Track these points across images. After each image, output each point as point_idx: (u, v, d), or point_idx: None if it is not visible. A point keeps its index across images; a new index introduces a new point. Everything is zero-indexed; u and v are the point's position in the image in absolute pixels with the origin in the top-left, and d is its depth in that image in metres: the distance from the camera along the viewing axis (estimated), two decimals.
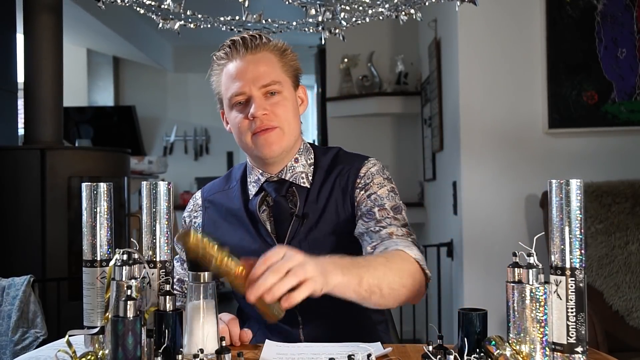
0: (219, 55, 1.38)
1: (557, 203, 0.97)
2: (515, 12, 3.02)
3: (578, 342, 0.95)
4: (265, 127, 1.33)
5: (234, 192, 1.43)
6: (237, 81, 1.34)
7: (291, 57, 1.40)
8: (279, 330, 1.38)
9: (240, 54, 1.35)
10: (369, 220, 1.34)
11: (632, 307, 2.62)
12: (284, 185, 1.38)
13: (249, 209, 1.39)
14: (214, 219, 1.43)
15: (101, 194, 1.14)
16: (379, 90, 4.34)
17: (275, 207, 1.38)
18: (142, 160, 5.61)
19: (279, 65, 1.37)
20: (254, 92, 1.33)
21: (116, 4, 1.79)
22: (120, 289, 0.98)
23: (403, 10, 1.87)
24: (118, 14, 5.15)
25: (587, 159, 2.97)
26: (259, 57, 1.35)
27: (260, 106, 1.32)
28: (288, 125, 1.36)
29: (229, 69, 1.36)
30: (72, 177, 2.91)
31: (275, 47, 1.38)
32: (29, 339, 2.17)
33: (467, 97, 3.03)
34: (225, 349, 0.99)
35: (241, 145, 1.40)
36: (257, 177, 1.41)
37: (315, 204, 1.37)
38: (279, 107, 1.34)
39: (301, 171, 1.39)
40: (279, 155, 1.36)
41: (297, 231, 1.36)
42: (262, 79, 1.33)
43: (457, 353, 0.94)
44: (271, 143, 1.34)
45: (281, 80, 1.36)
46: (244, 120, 1.35)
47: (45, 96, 2.98)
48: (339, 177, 1.39)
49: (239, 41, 1.35)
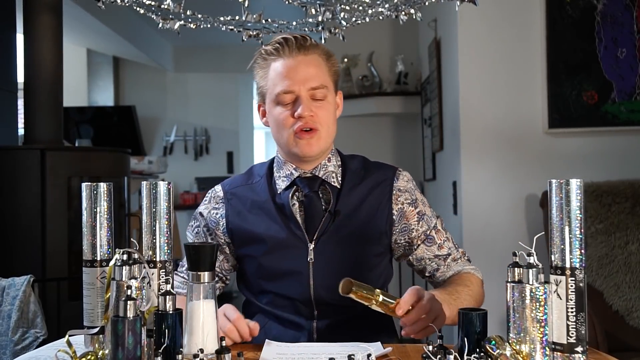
0: (268, 50, 1.41)
1: (557, 203, 0.97)
2: (515, 12, 3.02)
3: (578, 342, 0.95)
4: (309, 127, 1.37)
5: (260, 186, 1.45)
6: (287, 79, 1.37)
7: (335, 61, 1.46)
8: (292, 322, 1.40)
9: (293, 52, 1.38)
10: (431, 244, 1.46)
11: (632, 307, 2.61)
12: (317, 182, 1.42)
13: (276, 201, 1.42)
14: (238, 210, 1.44)
15: (101, 194, 1.14)
16: (379, 90, 4.34)
17: (307, 201, 1.41)
18: (142, 160, 5.61)
19: (326, 69, 1.42)
20: (302, 92, 1.37)
21: (116, 4, 1.79)
22: (120, 289, 0.98)
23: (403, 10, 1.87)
24: (118, 14, 5.14)
25: (587, 159, 2.97)
26: (310, 58, 1.39)
27: (307, 107, 1.36)
28: (327, 129, 1.40)
29: (278, 66, 1.39)
30: (72, 177, 2.91)
31: (323, 50, 1.43)
32: (29, 339, 2.17)
33: (467, 97, 3.03)
34: (225, 349, 0.99)
35: (279, 140, 1.43)
36: (289, 171, 1.43)
37: (347, 203, 1.41)
38: (323, 110, 1.39)
39: (332, 171, 1.44)
40: (316, 155, 1.41)
41: (328, 227, 1.39)
42: (312, 80, 1.37)
43: (457, 353, 0.94)
44: (312, 144, 1.38)
45: (327, 85, 1.41)
46: (288, 118, 1.38)
47: (45, 96, 2.98)
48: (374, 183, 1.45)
49: (292, 40, 1.39)
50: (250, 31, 1.94)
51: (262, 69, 1.42)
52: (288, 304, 1.40)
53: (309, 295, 1.37)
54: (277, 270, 1.39)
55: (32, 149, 2.86)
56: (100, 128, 6.27)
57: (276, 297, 1.41)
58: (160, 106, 6.85)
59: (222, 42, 6.48)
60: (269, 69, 1.40)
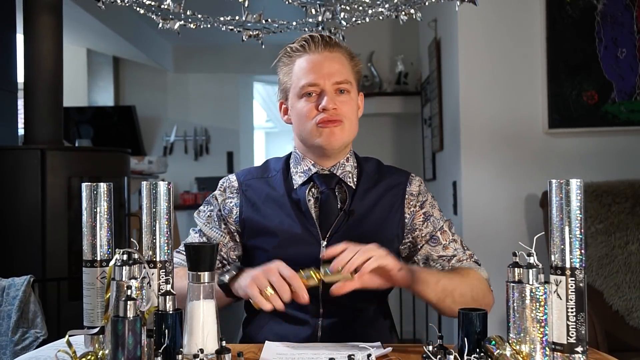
0: (294, 47, 1.43)
1: (557, 203, 0.97)
2: (515, 12, 3.02)
3: (578, 342, 0.95)
4: (333, 119, 1.39)
5: (276, 181, 1.46)
6: (312, 73, 1.40)
7: (358, 62, 1.49)
8: (297, 318, 1.39)
9: (319, 49, 1.41)
10: (435, 245, 1.46)
11: (632, 307, 2.61)
12: (334, 180, 1.44)
13: (292, 196, 1.43)
14: (252, 202, 1.44)
15: (101, 194, 1.14)
16: (379, 90, 4.34)
17: (323, 198, 1.42)
18: (142, 160, 5.61)
19: (349, 67, 1.45)
20: (327, 86, 1.39)
21: (116, 4, 1.80)
22: (120, 289, 0.98)
23: (403, 10, 1.87)
24: (118, 14, 5.15)
25: (587, 159, 2.97)
26: (335, 55, 1.42)
27: (331, 100, 1.38)
28: (350, 123, 1.42)
29: (303, 61, 1.42)
30: (72, 177, 2.91)
31: (346, 50, 1.47)
32: (29, 339, 2.17)
33: (467, 97, 3.03)
34: (225, 349, 0.99)
35: (302, 133, 1.44)
36: (307, 167, 1.45)
37: (361, 204, 1.43)
38: (346, 105, 1.41)
39: (349, 171, 1.46)
40: (338, 147, 1.42)
41: (341, 226, 1.40)
42: (336, 75, 1.40)
43: (457, 353, 0.94)
44: (335, 134, 1.40)
45: (351, 81, 1.43)
46: (312, 110, 1.40)
47: (45, 96, 2.98)
48: (387, 186, 1.47)
49: (318, 37, 1.42)
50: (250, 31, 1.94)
51: (287, 66, 1.45)
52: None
53: (317, 292, 1.37)
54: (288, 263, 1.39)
55: (32, 149, 2.87)
56: (100, 128, 6.27)
57: None
58: (160, 106, 6.86)
59: (222, 42, 6.49)
60: (294, 65, 1.43)
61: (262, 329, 1.42)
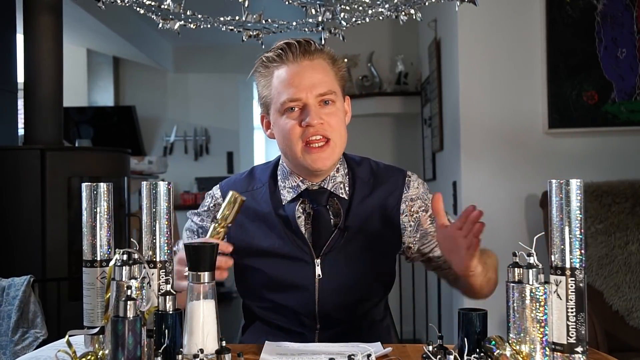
0: (270, 57, 1.33)
1: (557, 203, 0.97)
2: (515, 12, 3.02)
3: (578, 342, 0.95)
4: (319, 135, 1.30)
5: (261, 195, 1.38)
6: (292, 87, 1.29)
7: (341, 66, 1.38)
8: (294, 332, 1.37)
9: (297, 58, 1.31)
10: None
11: (632, 307, 2.61)
12: (325, 195, 1.36)
13: (280, 214, 1.35)
14: (240, 221, 1.34)
15: (101, 194, 1.14)
16: (379, 91, 4.34)
17: (315, 216, 1.34)
18: (142, 160, 5.61)
19: (333, 74, 1.35)
20: (310, 100, 1.30)
21: (116, 4, 1.79)
22: (120, 289, 0.98)
23: (403, 11, 1.87)
24: (118, 14, 5.14)
25: (587, 159, 2.97)
26: (315, 63, 1.32)
27: (316, 115, 1.29)
28: (340, 138, 1.34)
29: (282, 73, 1.31)
30: (72, 177, 2.91)
31: (328, 55, 1.36)
32: (29, 339, 2.17)
33: (467, 97, 3.03)
34: (225, 349, 0.99)
35: (287, 152, 1.35)
36: (296, 183, 1.36)
37: (356, 217, 1.35)
38: (333, 118, 1.32)
39: (340, 181, 1.38)
40: (328, 169, 1.35)
41: (336, 243, 1.34)
42: (319, 87, 1.30)
43: (457, 353, 0.94)
44: (324, 159, 1.31)
45: (335, 90, 1.34)
46: (296, 127, 1.31)
47: (45, 96, 2.98)
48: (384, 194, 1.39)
49: (295, 45, 1.31)
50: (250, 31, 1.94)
51: (264, 78, 1.35)
52: (291, 315, 1.37)
53: (313, 309, 1.35)
54: (282, 283, 1.35)
55: (32, 149, 2.86)
56: (100, 128, 6.27)
57: (279, 306, 1.38)
58: (160, 106, 6.86)
59: (222, 42, 6.48)
60: (272, 77, 1.33)
61: (258, 340, 1.40)
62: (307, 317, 1.35)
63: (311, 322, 1.36)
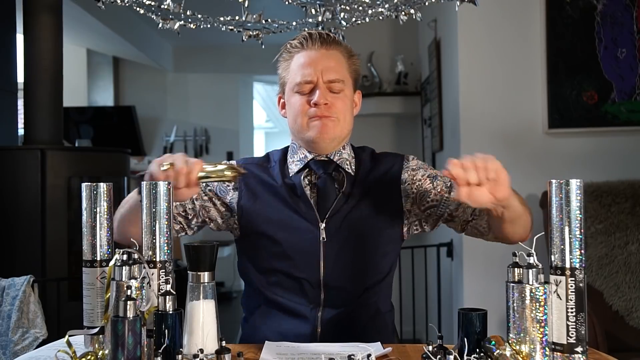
0: (293, 44, 1.47)
1: (557, 203, 0.97)
2: (515, 12, 3.02)
3: (578, 342, 0.95)
4: (325, 114, 1.42)
5: (274, 171, 1.48)
6: (308, 68, 1.43)
7: (356, 61, 1.51)
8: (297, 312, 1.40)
9: (316, 46, 1.44)
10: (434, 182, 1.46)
11: (632, 307, 2.61)
12: (331, 165, 1.46)
13: (287, 182, 1.45)
14: (251, 188, 1.45)
15: (101, 194, 1.14)
16: (379, 90, 4.34)
17: (320, 182, 1.44)
18: (142, 160, 5.61)
19: (346, 66, 1.47)
20: (320, 82, 1.42)
21: (116, 4, 1.80)
22: (120, 289, 0.98)
23: (403, 10, 1.87)
24: (118, 14, 5.14)
25: (587, 159, 2.97)
26: (331, 53, 1.45)
27: (323, 95, 1.41)
28: (344, 118, 1.45)
29: (301, 57, 1.45)
30: (72, 177, 2.91)
31: (345, 48, 1.49)
32: (29, 339, 2.17)
33: (467, 97, 3.03)
34: (225, 349, 0.99)
35: (294, 127, 1.47)
36: (303, 155, 1.46)
37: (361, 185, 1.45)
38: (339, 101, 1.44)
39: (346, 158, 1.48)
40: (329, 141, 1.43)
41: (340, 208, 1.41)
42: (330, 73, 1.43)
43: (457, 353, 0.94)
44: (325, 128, 1.42)
45: (345, 80, 1.45)
46: (304, 104, 1.43)
47: (45, 96, 2.98)
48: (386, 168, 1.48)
49: (316, 34, 1.46)
50: (250, 31, 1.94)
51: (286, 61, 1.48)
52: (296, 286, 1.40)
53: (318, 276, 1.38)
54: (288, 248, 1.41)
55: (32, 149, 2.87)
56: (100, 128, 6.27)
57: (284, 277, 1.41)
58: (160, 106, 6.86)
59: (222, 42, 6.48)
60: (292, 60, 1.46)
61: (261, 327, 1.42)
62: (312, 286, 1.39)
63: (315, 292, 1.39)
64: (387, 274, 1.48)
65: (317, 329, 1.38)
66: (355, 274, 1.42)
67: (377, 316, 1.46)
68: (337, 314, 1.39)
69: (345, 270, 1.40)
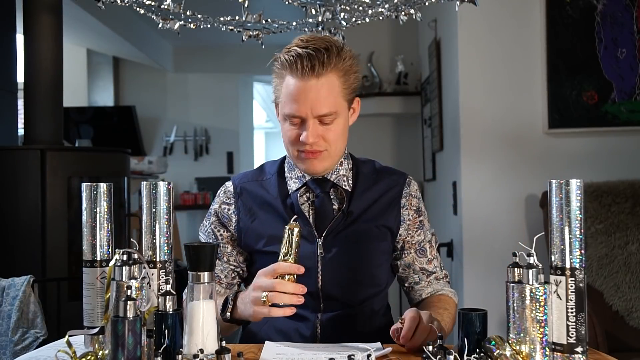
0: (283, 61, 1.36)
1: (557, 203, 0.97)
2: (515, 12, 3.02)
3: (578, 342, 0.95)
4: (313, 150, 1.37)
5: (270, 184, 1.47)
6: (295, 103, 1.34)
7: (354, 78, 1.40)
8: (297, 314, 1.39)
9: (306, 75, 1.32)
10: (421, 256, 1.50)
11: (632, 307, 2.61)
12: (328, 184, 1.44)
13: (286, 201, 1.43)
14: (248, 207, 1.45)
15: (101, 194, 1.14)
16: (379, 91, 4.34)
17: (318, 202, 1.42)
18: (142, 160, 5.61)
19: (340, 90, 1.37)
20: (310, 118, 1.35)
21: (116, 4, 1.80)
22: (120, 289, 0.98)
23: (403, 11, 1.87)
24: (118, 14, 5.14)
25: (587, 159, 2.97)
26: (323, 82, 1.33)
27: (312, 134, 1.35)
28: (335, 149, 1.40)
29: (291, 85, 1.35)
30: (72, 177, 2.91)
31: (341, 69, 1.36)
32: (29, 339, 2.17)
33: (467, 97, 3.03)
34: (225, 349, 0.99)
35: (287, 151, 1.45)
36: (301, 174, 1.44)
37: (358, 205, 1.43)
38: (331, 133, 1.37)
39: (343, 174, 1.45)
40: (321, 173, 1.42)
41: (338, 226, 1.41)
42: (321, 107, 1.33)
43: (457, 353, 0.94)
44: (315, 165, 1.39)
45: (338, 109, 1.37)
46: (295, 137, 1.37)
47: (45, 96, 2.98)
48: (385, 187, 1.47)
49: (306, 59, 1.32)
50: (250, 31, 1.94)
51: (278, 78, 1.39)
52: None
53: (316, 289, 1.38)
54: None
55: (32, 149, 2.86)
56: (100, 128, 6.27)
57: None
58: (160, 106, 6.85)
59: (222, 42, 6.48)
60: (283, 81, 1.37)
61: (263, 327, 1.42)
62: (312, 297, 1.38)
63: (315, 302, 1.39)
64: (385, 283, 1.49)
65: (317, 329, 1.38)
66: (353, 285, 1.42)
67: (377, 316, 1.47)
68: (337, 316, 1.40)
69: (343, 282, 1.40)
